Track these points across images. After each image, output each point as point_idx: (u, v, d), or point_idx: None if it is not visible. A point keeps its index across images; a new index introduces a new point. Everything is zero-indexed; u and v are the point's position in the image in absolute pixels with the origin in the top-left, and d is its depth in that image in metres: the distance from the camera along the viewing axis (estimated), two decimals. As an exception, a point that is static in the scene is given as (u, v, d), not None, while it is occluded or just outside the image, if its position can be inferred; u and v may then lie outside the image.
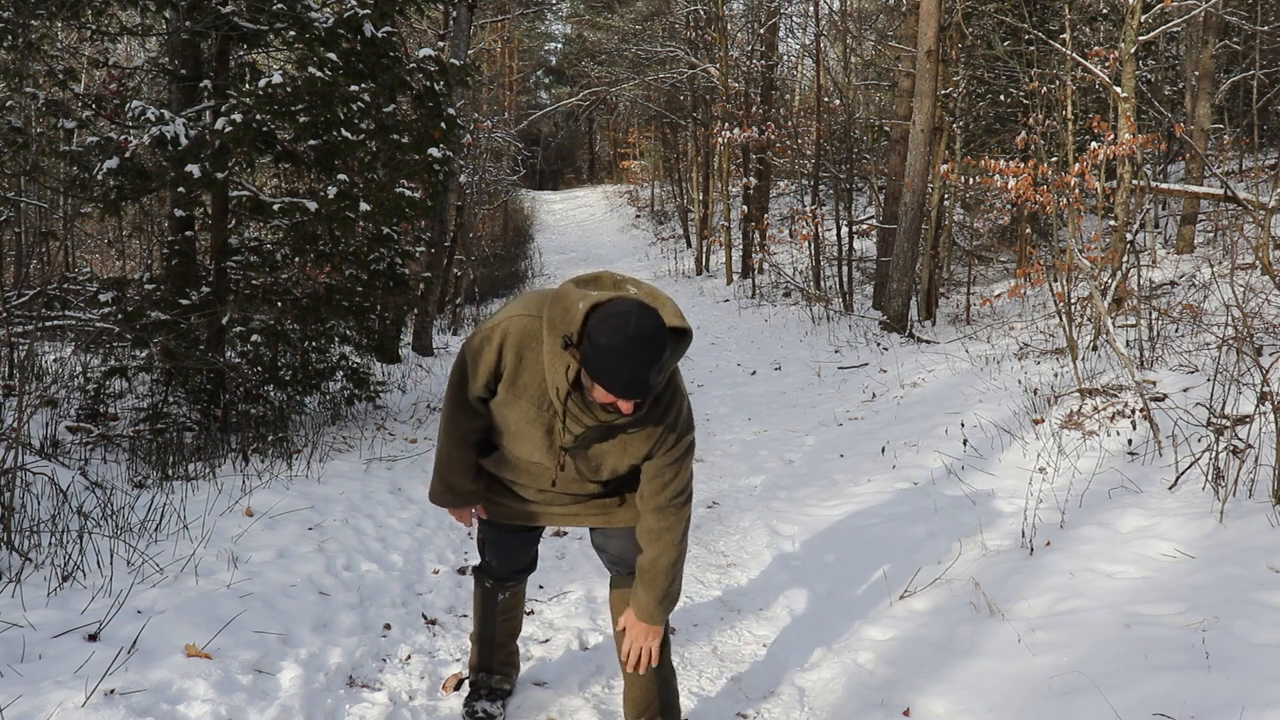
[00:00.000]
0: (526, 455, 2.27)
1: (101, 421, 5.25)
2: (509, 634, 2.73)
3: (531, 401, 2.15)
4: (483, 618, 2.67)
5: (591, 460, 2.22)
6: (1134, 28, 7.79)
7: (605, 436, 2.17)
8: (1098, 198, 8.22)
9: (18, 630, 2.55)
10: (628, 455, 2.20)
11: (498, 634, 2.69)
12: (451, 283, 13.82)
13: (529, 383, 2.14)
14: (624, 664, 2.39)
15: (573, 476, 2.29)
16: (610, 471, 2.25)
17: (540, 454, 2.23)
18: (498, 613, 2.67)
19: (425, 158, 6.13)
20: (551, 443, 2.19)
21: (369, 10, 5.58)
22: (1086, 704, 2.43)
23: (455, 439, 2.34)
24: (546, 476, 2.32)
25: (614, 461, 2.22)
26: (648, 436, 2.16)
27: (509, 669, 2.77)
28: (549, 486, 2.34)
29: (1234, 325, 4.88)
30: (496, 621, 2.67)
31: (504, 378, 2.16)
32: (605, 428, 2.14)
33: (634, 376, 1.90)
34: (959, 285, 12.16)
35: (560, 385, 2.03)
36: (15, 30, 5.10)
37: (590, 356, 1.93)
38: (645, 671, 2.39)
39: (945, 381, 7.01)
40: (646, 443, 2.17)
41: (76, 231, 12.25)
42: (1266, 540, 3.11)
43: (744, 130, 14.73)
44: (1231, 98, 13.53)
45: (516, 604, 2.72)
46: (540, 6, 21.73)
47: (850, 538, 4.18)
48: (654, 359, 1.90)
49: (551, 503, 2.42)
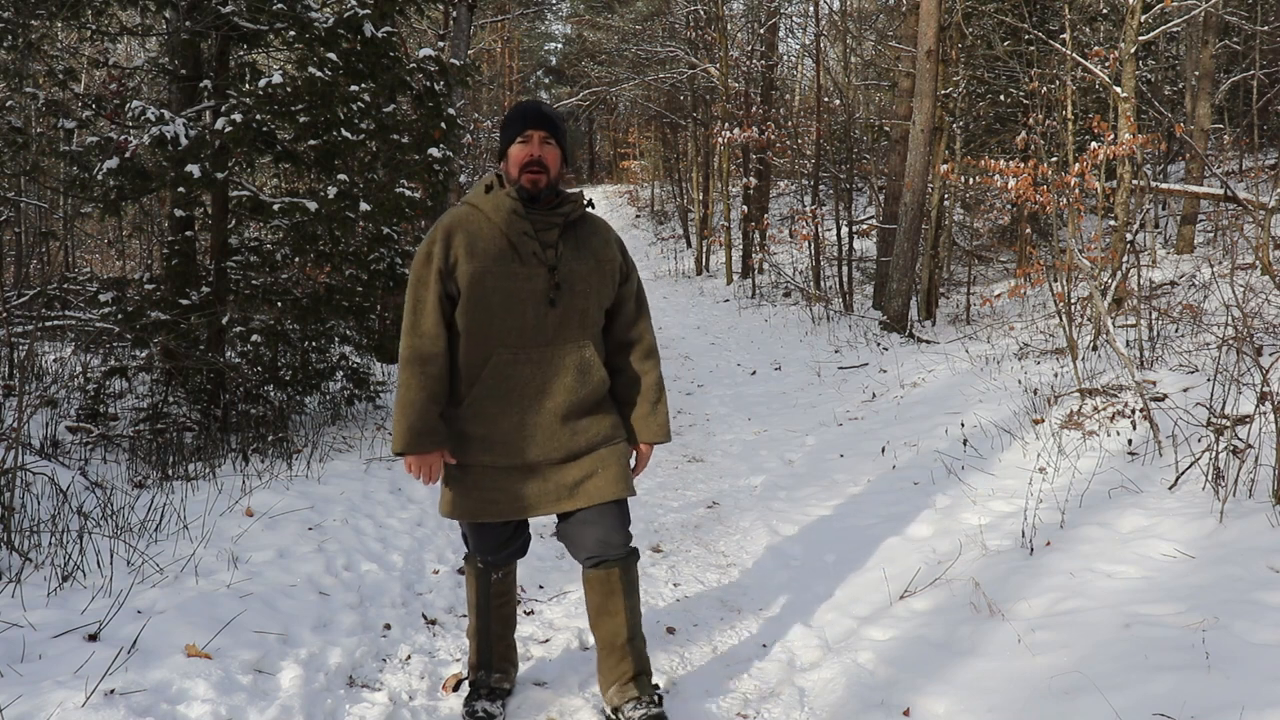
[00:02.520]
0: (517, 320, 2.38)
1: (101, 421, 5.25)
2: (504, 623, 2.72)
3: (497, 257, 2.38)
4: (478, 604, 2.67)
5: (578, 288, 2.43)
6: (1134, 28, 7.79)
7: (577, 247, 2.47)
8: (1098, 198, 8.22)
9: (18, 630, 2.55)
10: (604, 271, 2.50)
11: (494, 621, 2.68)
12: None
13: (485, 247, 2.38)
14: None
15: (565, 337, 2.44)
16: (596, 303, 2.48)
17: (529, 301, 2.38)
18: (492, 597, 2.66)
19: (425, 158, 6.13)
20: (535, 274, 2.38)
21: (369, 10, 5.58)
22: (1086, 704, 2.43)
23: (417, 364, 2.38)
24: (540, 347, 2.41)
25: (595, 281, 2.47)
26: (606, 243, 2.54)
27: (508, 666, 2.76)
28: (545, 344, 2.41)
29: (1234, 325, 4.88)
30: (492, 608, 2.67)
31: (460, 259, 2.37)
32: (572, 238, 2.46)
33: (527, 108, 2.44)
34: (959, 285, 12.16)
35: (509, 205, 2.39)
36: (15, 30, 5.10)
37: (501, 145, 2.46)
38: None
39: (945, 381, 7.01)
40: (611, 249, 2.54)
41: (76, 231, 12.25)
42: (1266, 540, 3.10)
43: (744, 130, 14.73)
44: (1231, 98, 13.54)
45: (510, 588, 2.73)
46: (540, 6, 21.73)
47: (850, 538, 4.18)
48: (539, 104, 2.46)
49: (536, 468, 2.45)
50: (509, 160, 2.43)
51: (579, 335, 2.45)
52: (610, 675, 2.58)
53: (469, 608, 2.72)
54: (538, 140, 2.39)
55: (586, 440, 2.49)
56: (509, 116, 2.46)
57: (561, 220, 2.43)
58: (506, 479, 2.46)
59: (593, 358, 2.48)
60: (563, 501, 2.48)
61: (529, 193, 2.39)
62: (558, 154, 2.43)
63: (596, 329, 2.52)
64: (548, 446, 2.45)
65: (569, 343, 2.44)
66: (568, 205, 2.46)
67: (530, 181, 2.38)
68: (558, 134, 2.43)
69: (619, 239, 2.61)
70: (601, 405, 2.55)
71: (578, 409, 2.47)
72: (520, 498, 2.46)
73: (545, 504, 2.48)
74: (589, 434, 2.50)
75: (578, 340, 2.45)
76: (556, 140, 2.43)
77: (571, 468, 2.48)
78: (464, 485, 2.48)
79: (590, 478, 2.48)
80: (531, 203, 2.41)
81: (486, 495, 2.46)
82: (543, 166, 2.39)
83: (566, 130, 2.50)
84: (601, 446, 2.52)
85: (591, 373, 2.48)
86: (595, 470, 2.49)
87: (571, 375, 2.45)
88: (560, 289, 2.40)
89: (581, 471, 2.48)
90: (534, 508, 2.48)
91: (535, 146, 2.39)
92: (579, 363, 2.45)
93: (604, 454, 2.51)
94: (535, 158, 2.38)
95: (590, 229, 2.53)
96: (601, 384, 2.52)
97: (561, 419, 2.45)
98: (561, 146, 2.44)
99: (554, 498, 2.47)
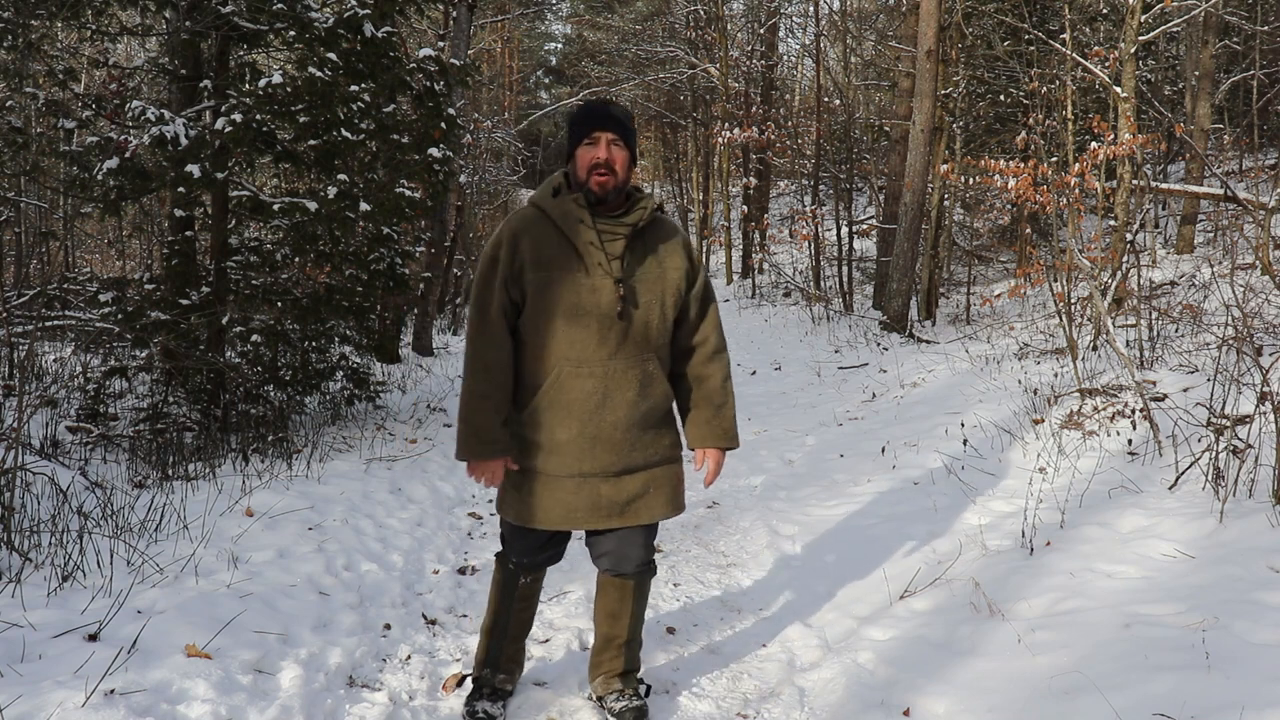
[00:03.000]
0: (581, 333, 2.33)
1: (101, 421, 5.25)
2: (521, 627, 2.71)
3: (563, 266, 2.34)
4: (499, 603, 2.64)
5: (643, 299, 2.38)
6: (1134, 28, 7.79)
7: (644, 256, 2.41)
8: (1098, 198, 8.22)
9: (18, 630, 2.55)
10: (669, 280, 2.43)
11: (511, 624, 2.66)
12: (451, 283, 13.83)
13: (552, 253, 2.35)
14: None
15: (629, 351, 2.37)
16: (660, 314, 2.42)
17: (594, 314, 2.33)
18: (515, 599, 2.63)
19: (425, 158, 6.13)
20: (601, 286, 2.33)
21: (369, 10, 5.58)
22: (1086, 704, 2.43)
23: (482, 372, 2.37)
24: (603, 360, 2.35)
25: (660, 291, 2.41)
26: (673, 248, 2.47)
27: (514, 668, 2.75)
28: (608, 358, 2.35)
29: (1234, 325, 4.88)
30: (513, 610, 2.64)
31: (526, 266, 2.35)
32: (640, 246, 2.40)
33: (594, 109, 2.38)
34: (959, 285, 12.16)
35: (576, 212, 2.34)
36: (15, 30, 5.10)
37: (568, 146, 2.40)
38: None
39: (945, 381, 7.01)
40: (678, 256, 2.46)
41: (76, 231, 12.25)
42: (1266, 540, 3.10)
43: (744, 130, 14.74)
44: (1231, 98, 13.54)
45: (535, 594, 2.71)
46: (540, 6, 21.70)
47: (850, 538, 4.18)
48: (607, 104, 2.41)
49: (590, 480, 2.41)
50: (576, 162, 2.39)
51: (643, 349, 2.41)
52: (600, 667, 2.67)
53: (489, 604, 2.70)
54: (605, 142, 2.35)
55: (644, 457, 2.46)
56: (575, 117, 2.41)
57: (629, 230, 2.38)
58: (560, 488, 2.43)
59: (655, 371, 2.44)
60: (611, 519, 2.45)
61: (596, 196, 2.35)
62: (626, 156, 2.38)
63: (661, 340, 2.46)
64: (604, 460, 2.41)
65: (633, 356, 2.39)
66: (636, 212, 2.40)
67: (598, 185, 2.34)
68: (626, 135, 2.38)
69: (687, 241, 2.55)
70: (662, 421, 2.52)
71: (638, 423, 2.43)
72: (572, 509, 2.43)
73: (595, 518, 2.44)
74: (647, 451, 2.47)
75: (641, 354, 2.40)
76: (625, 141, 2.38)
77: (625, 483, 2.45)
78: (519, 488, 2.47)
79: (641, 497, 2.46)
80: (599, 205, 2.37)
81: (539, 502, 2.44)
82: (610, 170, 2.35)
83: (635, 131, 2.45)
84: (658, 465, 2.49)
85: (653, 386, 2.44)
86: (647, 490, 2.47)
87: (634, 389, 2.40)
88: (626, 302, 2.36)
89: (634, 489, 2.46)
90: (583, 521, 2.44)
91: (603, 149, 2.34)
92: (641, 376, 2.41)
93: (658, 474, 2.49)
94: (603, 160, 2.34)
95: (659, 234, 2.47)
96: (664, 398, 2.48)
97: (621, 433, 2.41)
98: (630, 147, 2.40)
99: (605, 514, 2.44)
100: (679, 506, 2.55)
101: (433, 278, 10.45)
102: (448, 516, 4.55)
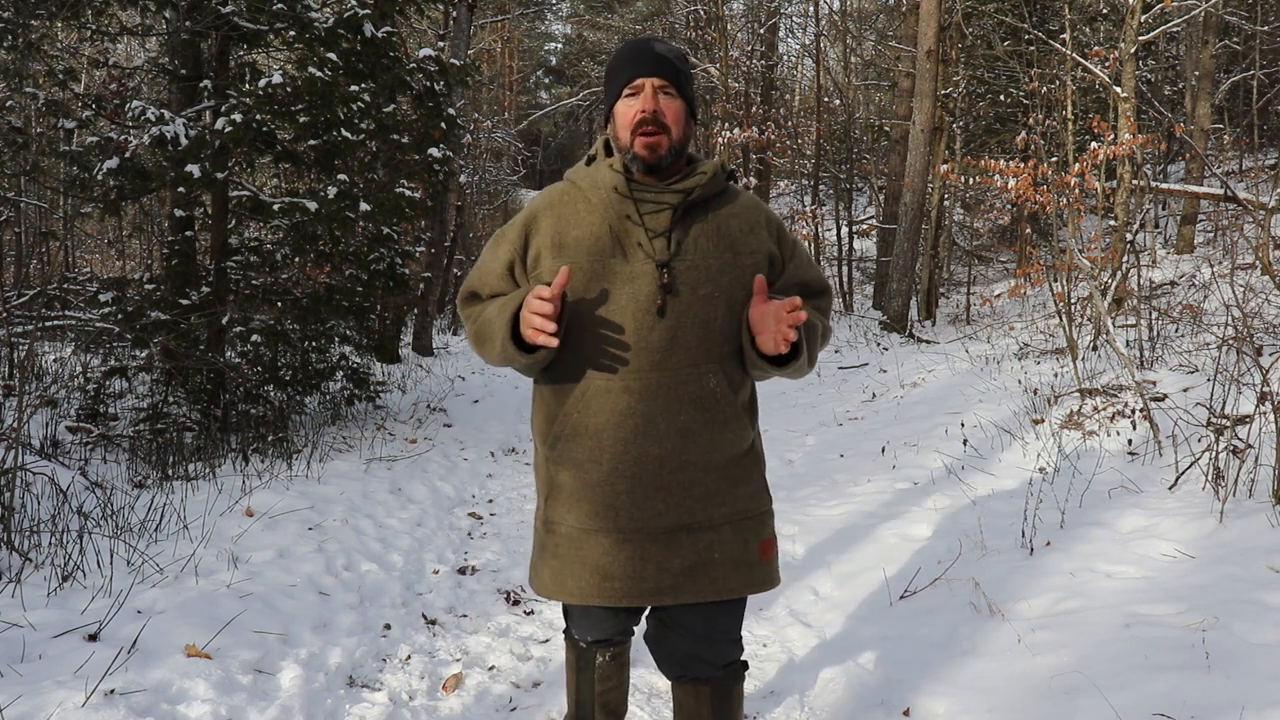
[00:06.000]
0: (611, 333, 1.75)
1: (101, 421, 5.25)
2: (610, 713, 2.13)
3: (590, 249, 1.76)
4: (578, 690, 2.09)
5: (701, 291, 1.76)
6: (1134, 28, 7.79)
7: (705, 235, 1.79)
8: (1098, 198, 8.22)
9: (18, 630, 2.55)
10: (742, 267, 1.80)
11: (597, 713, 2.11)
12: (451, 283, 13.82)
13: (579, 236, 1.78)
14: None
15: (679, 359, 1.75)
16: (727, 312, 1.78)
17: (630, 308, 1.74)
18: (595, 681, 2.08)
19: (425, 158, 6.14)
20: (640, 272, 1.75)
21: (369, 10, 5.58)
22: (1086, 704, 2.43)
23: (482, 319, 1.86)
24: (644, 371, 1.74)
25: (727, 282, 1.78)
26: (752, 228, 1.83)
27: None
28: (649, 368, 1.74)
29: (1234, 325, 4.88)
30: (594, 694, 2.08)
31: (544, 253, 1.80)
32: (698, 221, 1.79)
33: (638, 48, 1.77)
34: (959, 285, 12.17)
35: (610, 179, 1.78)
36: (15, 30, 5.11)
37: (606, 102, 1.82)
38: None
39: (945, 381, 7.01)
40: (757, 236, 1.83)
41: (76, 231, 12.26)
42: (1266, 540, 3.10)
43: (744, 130, 14.73)
44: (1231, 98, 13.54)
45: (619, 670, 2.11)
46: (540, 6, 21.72)
47: (850, 538, 4.18)
48: (651, 40, 1.80)
49: (631, 539, 1.78)
50: (615, 121, 1.78)
51: (699, 357, 1.76)
52: None
53: (566, 690, 2.15)
54: (651, 90, 1.73)
55: (705, 510, 1.80)
56: (613, 62, 1.80)
57: (679, 199, 1.76)
58: (595, 549, 1.80)
59: (720, 389, 1.78)
60: (662, 594, 1.79)
61: (646, 163, 1.74)
62: (680, 106, 1.76)
63: (729, 348, 1.79)
64: (647, 510, 1.77)
65: (685, 367, 1.75)
66: (694, 178, 1.78)
67: (646, 147, 1.73)
68: (679, 80, 1.76)
69: (773, 218, 1.90)
70: (737, 459, 1.84)
71: (698, 461, 1.78)
72: (608, 577, 1.79)
73: (639, 592, 1.79)
74: (710, 501, 1.80)
75: (698, 364, 1.76)
76: (678, 89, 1.76)
77: (682, 543, 1.79)
78: (547, 551, 1.88)
79: (706, 565, 1.80)
80: (650, 174, 1.77)
81: (567, 568, 1.83)
82: (661, 125, 1.73)
83: (690, 75, 1.81)
84: (726, 524, 1.82)
85: (717, 410, 1.78)
86: (712, 555, 1.80)
87: (687, 412, 1.75)
88: (669, 293, 1.74)
89: (693, 554, 1.80)
90: (623, 594, 1.79)
91: (649, 99, 1.73)
92: (698, 395, 1.76)
93: (727, 533, 1.82)
94: (650, 113, 1.72)
95: (730, 209, 1.82)
96: (735, 427, 1.81)
97: (670, 472, 1.76)
98: (685, 97, 1.77)
99: (653, 587, 1.79)
100: (769, 578, 1.87)
101: (433, 278, 10.46)
102: (448, 516, 4.55)
